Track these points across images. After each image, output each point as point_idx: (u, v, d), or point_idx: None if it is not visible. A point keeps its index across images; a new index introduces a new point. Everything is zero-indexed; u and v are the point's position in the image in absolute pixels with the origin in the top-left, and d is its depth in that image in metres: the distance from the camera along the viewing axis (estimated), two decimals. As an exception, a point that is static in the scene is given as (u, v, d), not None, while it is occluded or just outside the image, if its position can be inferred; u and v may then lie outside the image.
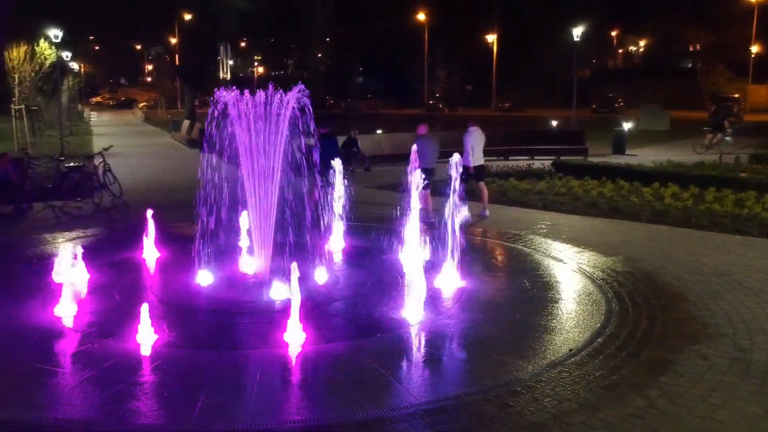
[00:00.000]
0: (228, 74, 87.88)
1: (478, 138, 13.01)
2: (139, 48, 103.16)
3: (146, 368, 5.97)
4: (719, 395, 5.38)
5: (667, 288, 8.31)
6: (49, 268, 8.47)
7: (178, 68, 52.57)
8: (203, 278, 8.38)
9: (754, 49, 62.91)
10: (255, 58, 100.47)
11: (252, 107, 8.31)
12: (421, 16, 77.64)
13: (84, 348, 6.46)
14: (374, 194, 16.09)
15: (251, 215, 8.65)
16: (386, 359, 6.09)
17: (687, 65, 79.58)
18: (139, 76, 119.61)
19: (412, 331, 6.85)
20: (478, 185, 13.18)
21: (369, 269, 9.15)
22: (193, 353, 6.33)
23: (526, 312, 7.43)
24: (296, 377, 5.85)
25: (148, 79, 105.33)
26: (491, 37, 75.56)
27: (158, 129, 45.93)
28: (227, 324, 7.07)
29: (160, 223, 10.16)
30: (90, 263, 8.70)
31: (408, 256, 9.09)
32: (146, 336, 6.40)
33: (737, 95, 59.49)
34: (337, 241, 10.43)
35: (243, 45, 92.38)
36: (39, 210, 14.05)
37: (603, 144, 27.51)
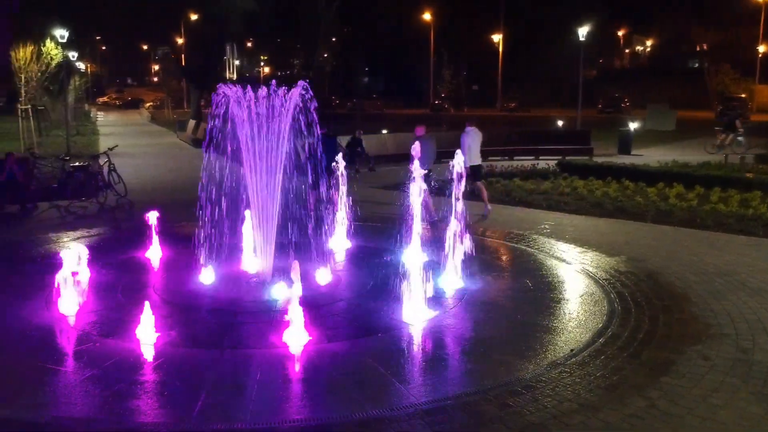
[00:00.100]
0: (234, 74, 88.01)
1: (475, 138, 13.05)
2: (146, 48, 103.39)
3: (147, 367, 5.99)
4: (720, 396, 5.35)
5: (671, 288, 8.27)
6: (53, 267, 8.49)
7: (184, 68, 52.66)
8: (205, 277, 8.40)
9: (761, 49, 62.65)
10: (261, 58, 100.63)
11: (254, 105, 8.30)
12: (427, 16, 77.59)
13: (85, 347, 6.48)
14: (377, 194, 16.10)
15: (254, 214, 8.66)
16: (387, 359, 6.09)
17: (694, 65, 79.24)
18: (146, 76, 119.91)
19: (414, 331, 6.85)
20: (476, 185, 13.19)
21: (371, 269, 9.13)
22: (194, 352, 6.34)
23: (528, 312, 7.43)
24: (296, 377, 5.84)
25: (155, 79, 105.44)
26: (497, 37, 75.42)
27: (164, 129, 46.01)
28: (228, 323, 7.09)
29: (164, 223, 10.18)
30: (93, 262, 8.73)
31: (410, 256, 9.06)
32: (148, 335, 6.42)
33: (744, 95, 59.17)
34: (340, 241, 10.44)
35: (249, 45, 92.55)
36: (44, 209, 14.13)
37: (609, 144, 27.42)
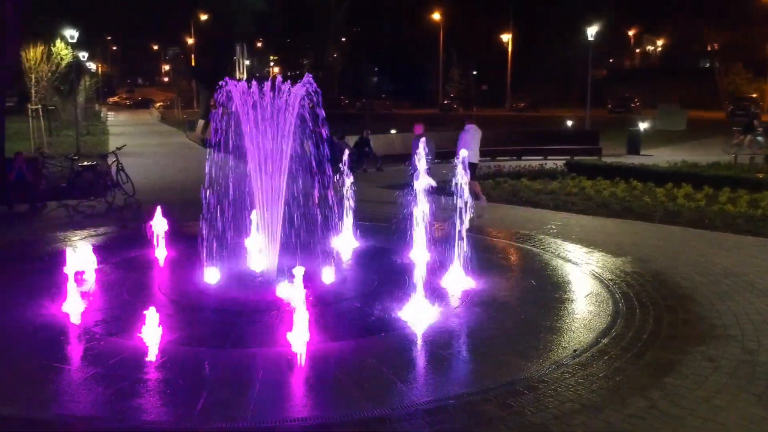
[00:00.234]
0: (244, 74, 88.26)
1: (475, 136, 13.06)
2: (156, 48, 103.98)
3: (150, 365, 6.01)
4: (723, 397, 5.32)
5: (676, 289, 8.23)
6: (60, 266, 8.56)
7: (193, 68, 52.87)
8: (211, 276, 8.43)
9: (774, 49, 62.19)
10: (271, 59, 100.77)
11: (260, 102, 8.30)
12: (437, 16, 77.50)
13: (90, 345, 6.52)
14: (384, 194, 16.10)
15: (259, 213, 8.69)
16: (389, 359, 6.10)
17: (705, 65, 78.63)
18: (156, 76, 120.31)
19: (417, 331, 6.84)
20: (470, 183, 13.15)
21: (376, 268, 9.15)
22: (198, 351, 6.36)
23: (532, 312, 7.41)
24: (298, 376, 5.85)
25: (165, 79, 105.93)
26: (506, 37, 75.23)
27: (174, 129, 46.20)
28: (232, 322, 7.12)
29: (171, 222, 10.23)
30: (100, 261, 8.82)
31: (415, 256, 9.06)
32: (152, 333, 6.44)
33: (755, 95, 58.78)
34: (345, 240, 10.45)
35: (259, 45, 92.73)
36: (53, 208, 14.23)
37: (618, 144, 27.31)
